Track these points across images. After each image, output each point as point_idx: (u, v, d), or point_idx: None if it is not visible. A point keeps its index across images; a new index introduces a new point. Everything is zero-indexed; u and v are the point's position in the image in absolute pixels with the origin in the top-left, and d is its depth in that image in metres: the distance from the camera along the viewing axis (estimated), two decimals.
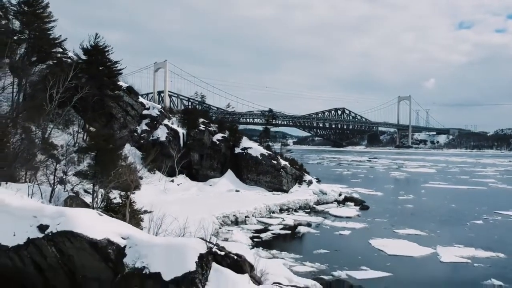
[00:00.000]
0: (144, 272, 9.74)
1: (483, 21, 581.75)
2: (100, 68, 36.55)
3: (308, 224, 28.91)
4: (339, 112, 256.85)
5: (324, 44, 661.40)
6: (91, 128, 35.02)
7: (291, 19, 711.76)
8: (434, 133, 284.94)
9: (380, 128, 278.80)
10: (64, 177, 19.68)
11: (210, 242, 10.29)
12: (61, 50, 37.77)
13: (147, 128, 38.76)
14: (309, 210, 34.38)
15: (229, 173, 39.34)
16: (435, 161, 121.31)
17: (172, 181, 36.43)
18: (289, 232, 26.72)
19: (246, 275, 9.81)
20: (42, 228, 10.51)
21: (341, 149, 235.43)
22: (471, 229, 28.14)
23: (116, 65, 37.31)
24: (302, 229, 26.86)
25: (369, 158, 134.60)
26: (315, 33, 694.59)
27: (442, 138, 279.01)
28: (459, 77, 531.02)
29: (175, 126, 39.65)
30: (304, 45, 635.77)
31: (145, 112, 39.82)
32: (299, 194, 36.85)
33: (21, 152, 22.78)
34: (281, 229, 27.25)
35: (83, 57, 36.51)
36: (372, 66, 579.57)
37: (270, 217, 30.77)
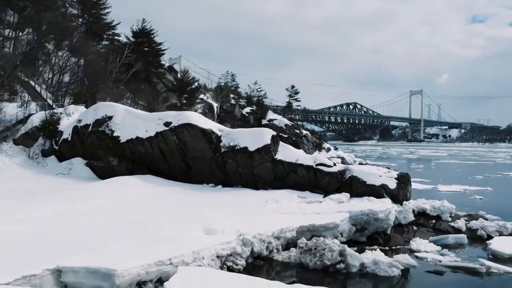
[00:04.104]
0: (236, 148, 15.16)
1: (496, 15, 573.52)
2: (146, 48, 42.24)
3: None
4: (351, 107, 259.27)
5: (336, 41, 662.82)
6: (140, 102, 40.77)
7: (302, 15, 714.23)
8: (446, 127, 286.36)
9: (392, 123, 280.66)
10: None
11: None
12: (111, 32, 43.67)
13: (185, 101, 44.26)
14: None
15: None
16: (448, 149, 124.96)
17: None
18: None
19: (301, 150, 15.16)
20: (167, 124, 16.01)
21: (353, 143, 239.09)
22: (470, 180, 32.98)
23: (160, 46, 42.93)
24: None
25: (383, 148, 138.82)
26: (326, 30, 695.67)
27: (454, 132, 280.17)
28: (473, 71, 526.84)
29: (209, 100, 45.14)
30: (315, 41, 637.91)
31: None
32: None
33: None
34: None
35: (132, 39, 42.20)
36: (384, 62, 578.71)
37: None
